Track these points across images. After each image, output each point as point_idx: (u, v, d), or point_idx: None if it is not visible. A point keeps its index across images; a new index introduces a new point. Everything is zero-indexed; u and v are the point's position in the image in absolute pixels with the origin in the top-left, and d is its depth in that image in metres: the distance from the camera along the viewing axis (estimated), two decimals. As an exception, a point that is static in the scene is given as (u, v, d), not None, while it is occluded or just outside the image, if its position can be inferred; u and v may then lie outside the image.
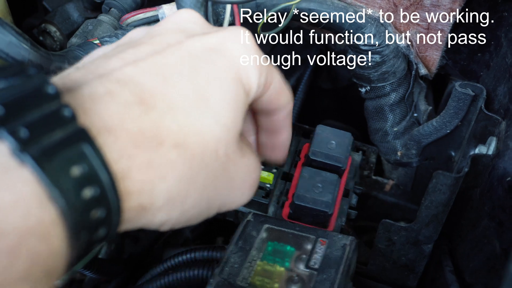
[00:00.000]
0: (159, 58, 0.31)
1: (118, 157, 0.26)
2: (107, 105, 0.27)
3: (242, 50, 0.34)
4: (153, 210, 0.29)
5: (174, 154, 0.29)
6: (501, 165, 0.48)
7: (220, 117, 0.32)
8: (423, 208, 0.48)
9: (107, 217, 0.25)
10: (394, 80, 0.57)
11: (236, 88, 0.33)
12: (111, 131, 0.27)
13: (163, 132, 0.29)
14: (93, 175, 0.25)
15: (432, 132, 0.57)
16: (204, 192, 0.32)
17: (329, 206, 0.46)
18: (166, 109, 0.30)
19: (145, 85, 0.30)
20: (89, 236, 0.25)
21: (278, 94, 0.39)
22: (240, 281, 0.39)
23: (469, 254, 0.52)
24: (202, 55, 0.33)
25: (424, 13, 0.54)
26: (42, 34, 0.50)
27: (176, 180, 0.29)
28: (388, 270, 0.52)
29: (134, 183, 0.27)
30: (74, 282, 0.68)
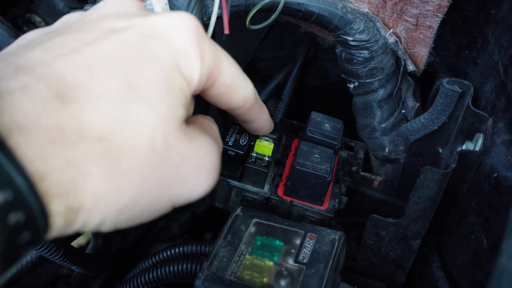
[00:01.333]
0: (87, 49, 0.29)
1: (34, 158, 0.25)
2: (19, 101, 0.25)
3: (182, 37, 0.32)
4: (84, 211, 0.27)
5: (98, 149, 0.27)
6: (487, 161, 0.48)
7: (152, 105, 0.30)
8: (411, 203, 0.48)
9: (29, 221, 0.24)
10: (382, 76, 0.57)
11: (172, 75, 0.31)
12: (23, 130, 0.25)
13: (84, 126, 0.27)
14: (6, 179, 0.23)
15: (419, 128, 0.57)
16: (143, 187, 0.30)
17: (328, 173, 0.48)
18: (87, 101, 0.27)
19: (65, 78, 0.27)
20: (10, 240, 0.23)
21: (229, 90, 0.37)
22: (229, 275, 0.39)
23: (456, 250, 0.52)
24: (137, 42, 0.31)
25: (412, 9, 0.54)
26: (26, 24, 0.49)
27: (102, 177, 0.27)
28: (376, 265, 0.52)
29: (56, 184, 0.25)
30: (61, 277, 0.67)
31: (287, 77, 0.77)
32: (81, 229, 0.28)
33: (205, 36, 0.34)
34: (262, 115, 0.43)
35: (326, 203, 0.50)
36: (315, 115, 0.54)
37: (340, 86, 0.75)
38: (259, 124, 0.44)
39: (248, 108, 0.40)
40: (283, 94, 0.75)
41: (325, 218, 0.50)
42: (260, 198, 0.51)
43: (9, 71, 0.27)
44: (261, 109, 0.43)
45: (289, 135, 0.58)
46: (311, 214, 0.50)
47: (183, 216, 0.73)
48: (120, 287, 0.50)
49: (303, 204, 0.50)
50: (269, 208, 0.51)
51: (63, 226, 0.27)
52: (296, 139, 0.57)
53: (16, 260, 0.25)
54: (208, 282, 0.38)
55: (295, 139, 0.57)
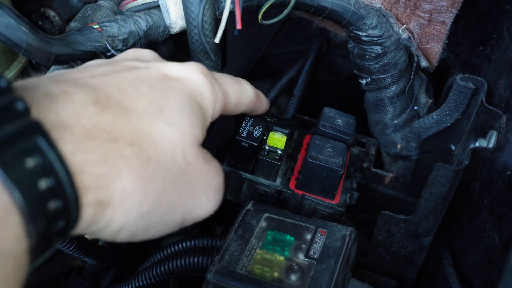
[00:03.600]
0: (116, 74, 0.33)
1: (74, 151, 0.27)
2: (63, 103, 0.28)
3: (197, 79, 0.37)
4: (111, 208, 0.29)
5: (129, 151, 0.30)
6: (501, 158, 0.48)
7: (174, 123, 0.33)
8: (422, 200, 0.48)
9: (65, 208, 0.26)
10: (395, 72, 0.57)
11: (191, 102, 0.35)
12: (65, 126, 0.27)
13: (117, 130, 0.30)
14: (48, 167, 0.25)
15: (432, 125, 0.57)
16: (163, 194, 0.32)
17: (340, 166, 0.48)
18: (121, 112, 0.31)
19: (101, 90, 0.31)
20: (48, 226, 0.25)
21: (237, 105, 0.43)
22: (239, 269, 0.39)
23: (468, 247, 0.52)
24: (158, 77, 0.35)
25: (426, 5, 0.54)
26: (41, 19, 0.49)
27: (131, 177, 0.30)
28: (387, 262, 0.52)
29: (91, 177, 0.28)
30: (75, 269, 0.68)
31: (299, 73, 0.77)
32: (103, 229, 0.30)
33: (213, 78, 0.39)
34: (262, 102, 0.48)
35: (337, 197, 0.50)
36: (327, 110, 0.54)
37: (352, 82, 0.74)
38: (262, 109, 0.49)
39: (253, 105, 0.46)
40: (295, 90, 0.75)
41: (336, 212, 0.50)
42: (271, 191, 0.51)
43: (52, 83, 0.30)
44: (261, 98, 0.48)
45: (301, 131, 0.59)
46: (322, 208, 0.50)
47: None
48: (132, 279, 0.51)
49: (314, 198, 0.50)
50: (281, 201, 0.52)
51: (90, 220, 0.28)
52: (308, 135, 0.57)
53: (48, 248, 0.27)
54: (219, 275, 0.38)
55: (307, 135, 0.57)
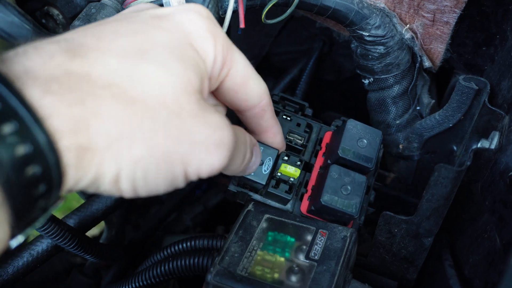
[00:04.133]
0: (97, 24, 0.32)
1: (41, 95, 0.26)
2: (30, 56, 0.27)
3: (194, 19, 0.34)
4: (95, 151, 0.28)
5: (107, 93, 0.28)
6: (503, 159, 0.48)
7: (163, 65, 0.31)
8: (424, 201, 0.48)
9: (37, 153, 0.25)
10: (398, 72, 0.57)
11: (183, 46, 0.33)
12: (30, 73, 0.26)
13: (92, 74, 0.28)
14: (10, 112, 0.24)
15: (434, 125, 0.56)
16: (155, 139, 0.30)
17: (356, 210, 0.44)
18: (96, 56, 0.29)
19: (75, 40, 0.29)
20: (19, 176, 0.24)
21: (246, 80, 0.37)
22: (240, 270, 0.39)
23: (469, 248, 0.52)
24: (147, 20, 0.33)
25: (430, 5, 0.54)
26: (44, 17, 0.49)
27: (114, 119, 0.28)
28: (388, 262, 0.52)
29: (65, 120, 0.26)
30: (75, 266, 0.69)
31: (302, 72, 0.77)
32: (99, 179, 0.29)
33: (216, 22, 0.35)
34: (275, 125, 0.43)
35: (350, 224, 0.48)
36: (351, 125, 0.48)
37: (354, 82, 0.74)
38: (271, 135, 0.44)
39: (263, 107, 0.40)
40: (298, 89, 0.75)
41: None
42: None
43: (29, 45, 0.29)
44: (275, 118, 0.43)
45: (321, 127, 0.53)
46: None
47: (196, 208, 0.74)
48: (132, 279, 0.51)
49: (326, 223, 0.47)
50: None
51: (76, 167, 0.27)
52: (328, 132, 0.52)
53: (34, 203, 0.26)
54: (220, 277, 0.38)
55: (327, 132, 0.52)
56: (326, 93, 0.84)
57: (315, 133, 0.52)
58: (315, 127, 0.52)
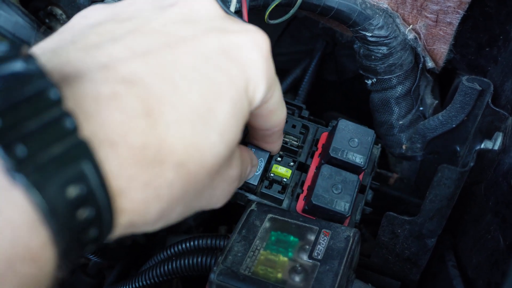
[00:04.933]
0: (170, 55, 0.29)
1: (118, 174, 0.25)
2: (112, 112, 0.25)
3: (257, 60, 0.33)
4: (142, 226, 0.28)
5: (173, 174, 0.27)
6: (506, 160, 0.48)
7: (224, 135, 0.30)
8: (427, 201, 0.48)
9: (99, 235, 0.25)
10: (401, 72, 0.57)
11: (243, 101, 0.32)
12: (113, 144, 0.25)
13: (166, 150, 0.27)
14: (90, 195, 0.23)
15: (437, 126, 0.56)
16: (190, 204, 0.32)
17: (347, 209, 0.45)
18: (174, 123, 0.27)
19: (153, 89, 0.27)
20: (78, 253, 0.24)
21: (273, 112, 0.37)
22: (243, 270, 0.39)
23: (472, 249, 0.51)
24: (215, 57, 0.31)
25: (433, 5, 0.54)
26: (48, 17, 0.50)
27: (170, 198, 0.28)
28: (391, 263, 0.52)
29: (129, 202, 0.26)
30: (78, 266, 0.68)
31: (305, 72, 0.77)
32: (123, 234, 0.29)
33: (272, 60, 0.34)
34: (280, 138, 0.45)
35: (346, 222, 0.48)
36: (342, 125, 0.48)
37: (357, 82, 0.74)
38: (275, 145, 0.45)
39: (274, 132, 0.41)
40: (300, 89, 0.75)
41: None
42: None
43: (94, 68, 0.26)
44: (280, 136, 0.44)
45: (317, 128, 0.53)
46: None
47: (199, 209, 0.73)
48: (135, 279, 0.51)
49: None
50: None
51: (118, 235, 0.27)
52: (324, 133, 0.53)
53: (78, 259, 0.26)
54: (223, 276, 0.39)
55: (324, 133, 0.53)
56: (329, 93, 0.84)
57: (311, 134, 0.52)
58: (312, 128, 0.53)
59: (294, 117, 0.53)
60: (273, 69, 0.34)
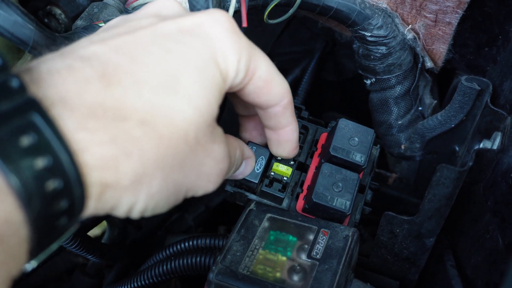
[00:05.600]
0: (128, 37, 0.31)
1: (75, 128, 0.26)
2: (64, 78, 0.27)
3: (219, 33, 0.33)
4: (118, 189, 0.28)
5: (140, 131, 0.28)
6: (505, 160, 0.48)
7: (192, 99, 0.31)
8: (426, 201, 0.48)
9: (66, 188, 0.25)
10: (400, 72, 0.57)
11: (210, 70, 0.32)
12: (66, 103, 0.26)
13: (127, 108, 0.28)
14: (45, 145, 0.24)
15: (436, 126, 0.56)
16: (171, 174, 0.31)
17: (347, 207, 0.45)
18: (132, 86, 0.29)
19: (109, 61, 0.29)
20: (47, 208, 0.24)
21: (268, 84, 0.37)
22: (242, 269, 0.39)
23: (470, 249, 0.51)
24: (175, 36, 0.32)
25: (432, 5, 0.54)
26: (47, 16, 0.50)
27: (142, 159, 0.28)
28: (389, 262, 0.52)
29: (96, 157, 0.26)
30: (78, 266, 0.69)
31: (304, 72, 0.77)
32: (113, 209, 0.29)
33: (240, 32, 0.35)
34: (293, 122, 0.43)
35: (346, 222, 0.48)
36: (343, 124, 0.48)
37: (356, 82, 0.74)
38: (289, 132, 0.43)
39: (285, 106, 0.40)
40: (299, 89, 0.75)
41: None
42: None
43: (57, 57, 0.28)
44: (294, 115, 0.42)
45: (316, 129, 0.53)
46: None
47: (197, 208, 0.74)
48: (134, 278, 0.51)
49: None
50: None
51: (97, 200, 0.27)
52: (324, 133, 0.53)
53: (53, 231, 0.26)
54: (222, 275, 0.39)
55: (323, 133, 0.53)
56: (328, 93, 0.84)
57: (310, 134, 0.53)
58: (311, 129, 0.53)
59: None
60: (244, 42, 0.35)
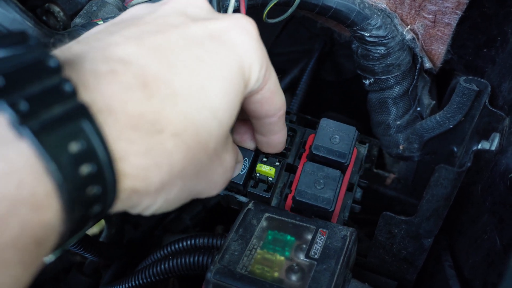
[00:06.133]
0: (162, 39, 0.31)
1: (117, 138, 0.27)
2: (110, 84, 0.27)
3: (246, 41, 0.34)
4: (145, 195, 0.29)
5: (172, 143, 0.29)
6: (503, 161, 0.48)
7: (217, 111, 0.32)
8: (424, 202, 0.48)
9: (103, 194, 0.26)
10: (399, 73, 0.57)
11: (236, 80, 0.33)
12: (111, 111, 0.27)
13: (163, 120, 0.29)
14: (91, 152, 0.25)
15: (435, 126, 0.56)
16: (189, 182, 0.32)
17: (330, 203, 0.45)
18: (168, 97, 0.29)
19: (148, 68, 0.29)
20: (84, 212, 0.25)
21: (273, 95, 0.38)
22: (240, 269, 0.39)
23: (468, 249, 0.52)
24: (205, 41, 0.32)
25: (431, 6, 0.54)
26: (45, 14, 0.49)
27: (170, 170, 0.30)
28: (387, 262, 0.52)
29: (131, 167, 0.27)
30: (75, 265, 0.68)
31: (302, 72, 0.77)
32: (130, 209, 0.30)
33: (261, 40, 0.36)
34: (284, 129, 0.44)
35: (334, 219, 0.48)
36: (324, 123, 0.49)
37: (355, 82, 0.74)
38: (280, 137, 0.45)
39: (280, 116, 0.41)
40: (298, 89, 0.75)
41: None
42: None
43: (94, 52, 0.28)
44: (285, 123, 0.44)
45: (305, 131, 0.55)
46: None
47: (195, 208, 0.74)
48: (132, 277, 0.51)
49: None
50: None
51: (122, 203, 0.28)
52: (312, 135, 0.53)
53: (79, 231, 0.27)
54: (219, 275, 0.38)
55: (311, 135, 0.53)
56: (327, 94, 0.84)
57: (298, 136, 0.53)
58: (299, 131, 0.54)
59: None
60: (264, 51, 0.36)
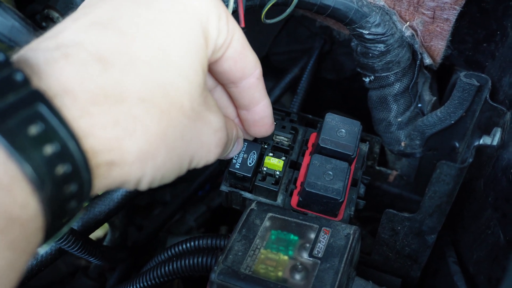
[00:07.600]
0: (110, 9, 0.31)
1: (79, 116, 0.27)
2: (63, 67, 0.28)
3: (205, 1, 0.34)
4: (124, 165, 0.29)
5: (140, 109, 0.29)
6: (505, 156, 0.48)
7: (181, 69, 0.32)
8: (426, 198, 0.48)
9: (74, 172, 0.26)
10: (398, 70, 0.57)
11: (195, 34, 0.33)
12: (68, 91, 0.27)
13: (125, 88, 0.29)
14: (52, 133, 0.25)
15: (436, 122, 0.56)
16: (174, 146, 0.32)
17: (340, 194, 0.46)
18: (127, 65, 0.30)
19: (101, 42, 0.30)
20: (58, 190, 0.26)
21: (244, 50, 0.39)
22: (244, 269, 0.39)
23: (472, 245, 0.52)
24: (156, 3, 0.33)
25: (429, 2, 0.54)
26: (45, 20, 0.50)
27: (145, 135, 0.30)
28: (391, 260, 0.52)
29: (100, 140, 0.28)
30: (80, 269, 0.69)
31: (302, 71, 0.77)
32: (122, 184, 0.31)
33: (222, 3, 0.36)
34: (266, 95, 0.44)
35: (341, 214, 0.49)
36: (329, 118, 0.51)
37: (355, 80, 0.74)
38: (264, 107, 0.44)
39: (258, 77, 0.41)
40: (298, 88, 0.75)
41: None
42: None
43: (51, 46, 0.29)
44: (265, 89, 0.43)
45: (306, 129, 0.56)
46: None
47: (199, 209, 0.74)
48: (136, 280, 0.51)
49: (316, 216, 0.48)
50: None
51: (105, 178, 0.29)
52: (314, 133, 0.55)
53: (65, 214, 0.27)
54: (223, 275, 0.39)
55: (313, 133, 0.55)
56: (327, 92, 0.84)
57: (300, 135, 0.55)
58: (301, 129, 0.55)
59: (284, 121, 0.55)
60: (221, 2, 0.36)
